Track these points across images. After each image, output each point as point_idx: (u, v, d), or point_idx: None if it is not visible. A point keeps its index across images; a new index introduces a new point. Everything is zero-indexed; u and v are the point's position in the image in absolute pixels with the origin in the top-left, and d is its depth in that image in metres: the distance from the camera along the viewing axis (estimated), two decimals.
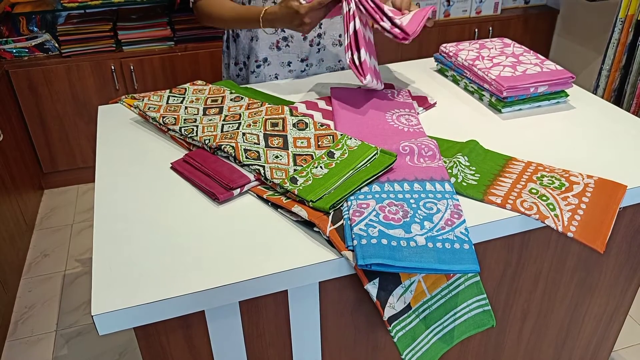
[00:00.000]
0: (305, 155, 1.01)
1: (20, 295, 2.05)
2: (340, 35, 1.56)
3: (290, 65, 1.50)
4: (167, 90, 1.28)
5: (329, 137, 1.05)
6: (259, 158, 0.99)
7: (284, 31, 1.44)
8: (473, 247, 0.82)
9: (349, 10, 1.13)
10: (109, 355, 1.78)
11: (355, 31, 1.13)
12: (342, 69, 1.61)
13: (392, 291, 0.85)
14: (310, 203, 0.88)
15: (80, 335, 1.86)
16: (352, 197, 0.89)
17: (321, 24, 1.47)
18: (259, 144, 1.04)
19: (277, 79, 1.52)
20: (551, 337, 1.22)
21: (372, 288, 0.83)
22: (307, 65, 1.52)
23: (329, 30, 1.51)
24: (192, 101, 1.24)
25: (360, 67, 1.14)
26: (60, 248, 2.29)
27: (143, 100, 1.23)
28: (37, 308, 1.98)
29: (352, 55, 1.14)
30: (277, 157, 1.00)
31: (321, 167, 0.97)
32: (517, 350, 1.20)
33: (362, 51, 1.14)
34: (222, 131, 1.09)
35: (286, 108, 1.14)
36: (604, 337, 1.30)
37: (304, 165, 0.98)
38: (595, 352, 1.32)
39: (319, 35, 1.49)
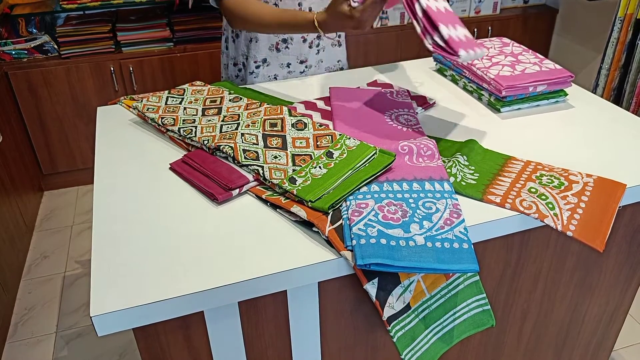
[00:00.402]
0: (304, 155, 1.01)
1: (20, 297, 2.04)
2: (339, 36, 1.56)
3: (289, 67, 1.50)
4: (166, 91, 1.28)
5: (327, 137, 1.05)
6: (257, 158, 0.99)
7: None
8: (472, 246, 0.82)
9: None
10: (109, 356, 1.78)
11: (424, 11, 0.97)
12: (341, 69, 1.60)
13: (391, 291, 0.85)
14: (309, 203, 0.88)
15: (80, 336, 1.86)
16: (351, 197, 0.89)
17: None
18: (257, 144, 1.03)
19: (276, 79, 1.52)
20: (551, 337, 1.22)
21: (371, 288, 0.83)
22: (306, 67, 1.52)
23: None
24: (191, 102, 1.24)
25: (448, 46, 0.97)
26: (60, 250, 2.29)
27: (142, 101, 1.23)
28: (37, 310, 1.98)
29: (432, 39, 0.98)
30: (275, 157, 1.00)
31: (320, 167, 0.97)
32: (517, 350, 1.20)
33: (442, 27, 0.97)
34: (220, 132, 1.09)
35: (285, 108, 1.14)
36: (604, 336, 1.29)
37: (303, 166, 0.98)
38: (596, 351, 1.32)
39: (319, 37, 1.49)
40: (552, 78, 1.24)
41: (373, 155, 0.97)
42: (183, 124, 1.13)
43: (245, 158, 0.99)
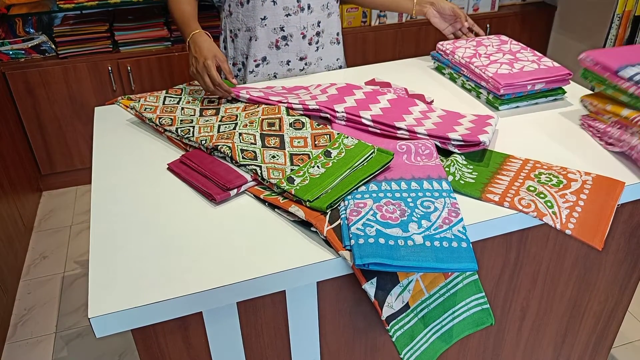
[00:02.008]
0: (302, 154, 1.01)
1: (19, 298, 2.04)
2: (337, 34, 1.55)
3: (289, 64, 1.50)
4: (164, 91, 1.28)
5: (325, 136, 1.05)
6: (255, 158, 0.99)
7: (283, 30, 1.44)
8: (471, 245, 0.81)
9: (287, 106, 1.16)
10: (109, 356, 1.78)
11: (306, 110, 1.15)
12: (340, 67, 1.60)
13: (390, 290, 0.84)
14: (307, 203, 0.88)
15: (80, 337, 1.86)
16: (349, 197, 0.89)
17: (319, 22, 1.47)
18: (255, 144, 1.03)
19: (276, 77, 1.51)
20: (550, 335, 1.22)
21: (370, 288, 0.82)
22: (305, 64, 1.52)
23: (327, 29, 1.51)
24: (189, 102, 1.24)
25: (326, 108, 1.13)
26: (59, 250, 2.29)
27: (139, 101, 1.23)
28: (36, 310, 1.98)
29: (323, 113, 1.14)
30: (273, 157, 1.00)
31: (318, 166, 0.96)
32: (517, 348, 1.20)
33: (311, 103, 1.15)
34: (218, 131, 1.09)
35: (283, 108, 1.14)
36: (603, 334, 1.29)
37: (301, 165, 0.98)
38: (595, 349, 1.32)
39: (318, 34, 1.49)
40: (550, 76, 1.23)
41: (371, 154, 0.97)
42: (181, 124, 1.13)
43: (243, 158, 0.99)
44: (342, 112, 1.11)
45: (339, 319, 0.94)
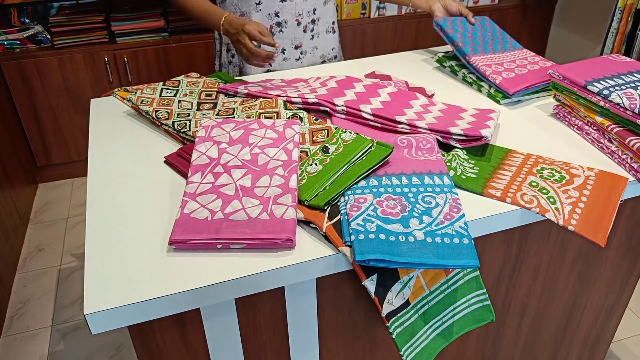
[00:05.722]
0: (300, 152, 0.99)
1: (15, 291, 2.03)
2: (333, 22, 1.54)
3: (284, 53, 1.48)
4: (161, 83, 1.26)
5: (323, 131, 1.03)
6: None
7: (278, 16, 1.42)
8: (472, 241, 0.80)
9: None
10: (106, 349, 1.77)
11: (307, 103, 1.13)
12: (336, 57, 1.59)
13: (390, 287, 0.83)
14: (305, 202, 0.87)
15: (76, 330, 1.85)
16: (349, 192, 0.88)
17: (315, 9, 1.45)
18: None
19: (271, 65, 1.49)
20: (550, 330, 1.22)
21: (370, 284, 0.81)
22: (301, 53, 1.50)
23: (322, 17, 1.49)
24: (186, 94, 1.22)
25: (326, 101, 1.12)
26: (55, 242, 2.27)
27: (136, 93, 1.21)
28: (32, 303, 1.97)
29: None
30: None
31: (315, 163, 0.95)
32: (516, 344, 1.20)
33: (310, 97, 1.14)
34: None
35: (280, 101, 1.12)
36: (602, 330, 1.29)
37: (299, 163, 0.96)
38: (594, 345, 1.32)
39: (313, 22, 1.47)
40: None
41: (370, 148, 0.95)
42: (177, 117, 1.11)
43: None
44: (342, 105, 1.10)
45: (338, 316, 0.93)
